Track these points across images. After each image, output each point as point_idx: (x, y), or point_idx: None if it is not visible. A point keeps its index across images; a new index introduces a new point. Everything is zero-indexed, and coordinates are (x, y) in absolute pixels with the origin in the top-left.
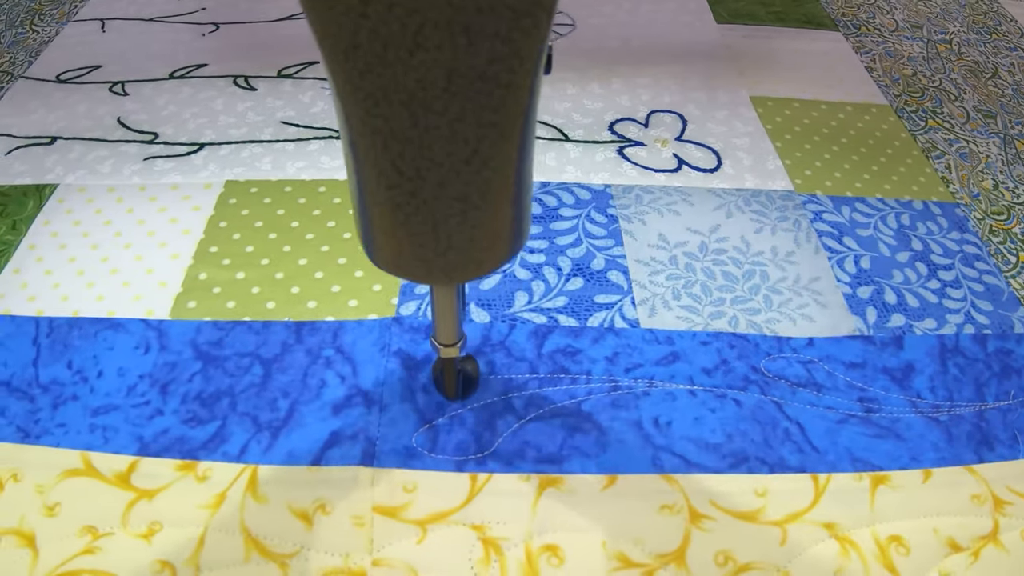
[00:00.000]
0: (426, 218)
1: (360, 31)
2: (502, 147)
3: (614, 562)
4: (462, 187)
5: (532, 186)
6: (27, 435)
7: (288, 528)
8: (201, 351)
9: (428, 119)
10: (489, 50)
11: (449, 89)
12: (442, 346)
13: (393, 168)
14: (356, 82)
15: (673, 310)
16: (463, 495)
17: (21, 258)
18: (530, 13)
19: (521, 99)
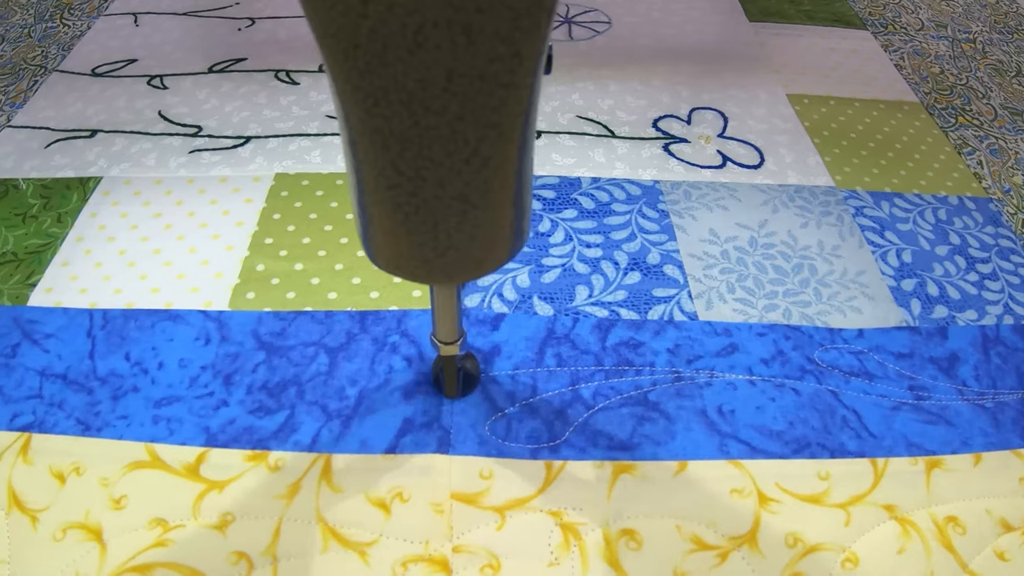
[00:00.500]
0: (426, 218)
1: (360, 31)
2: (502, 147)
3: (690, 544)
4: (462, 187)
5: (532, 186)
6: (87, 428)
7: (366, 517)
8: (264, 341)
9: (428, 119)
10: (489, 50)
11: (449, 89)
12: (442, 344)
13: (393, 168)
14: (356, 82)
15: (728, 303)
16: (539, 482)
17: (69, 251)
18: (530, 13)
19: (521, 99)
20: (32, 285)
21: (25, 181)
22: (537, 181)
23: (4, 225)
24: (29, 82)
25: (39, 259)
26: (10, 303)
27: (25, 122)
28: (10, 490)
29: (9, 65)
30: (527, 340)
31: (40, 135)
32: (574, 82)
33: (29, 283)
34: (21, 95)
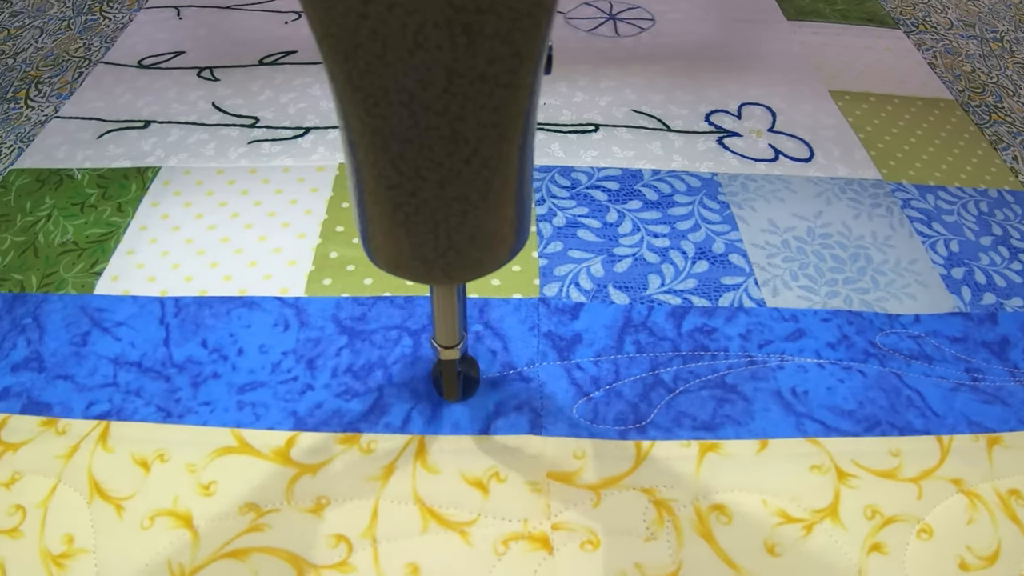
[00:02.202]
0: (426, 218)
1: (360, 31)
2: (502, 147)
3: (777, 518)
4: (462, 187)
5: (532, 186)
6: (169, 415)
7: (464, 497)
8: (345, 326)
9: (428, 119)
10: (489, 50)
11: (449, 89)
12: (442, 348)
13: (393, 168)
14: (356, 82)
15: (793, 290)
16: (630, 461)
17: (133, 240)
18: (530, 13)
19: (521, 99)
20: (97, 274)
21: (80, 171)
22: (600, 173)
23: (62, 215)
24: (74, 74)
25: (102, 248)
26: (76, 292)
27: (74, 113)
28: (91, 479)
29: (51, 57)
30: (606, 328)
31: (91, 126)
32: (625, 77)
33: (94, 272)
34: (67, 86)
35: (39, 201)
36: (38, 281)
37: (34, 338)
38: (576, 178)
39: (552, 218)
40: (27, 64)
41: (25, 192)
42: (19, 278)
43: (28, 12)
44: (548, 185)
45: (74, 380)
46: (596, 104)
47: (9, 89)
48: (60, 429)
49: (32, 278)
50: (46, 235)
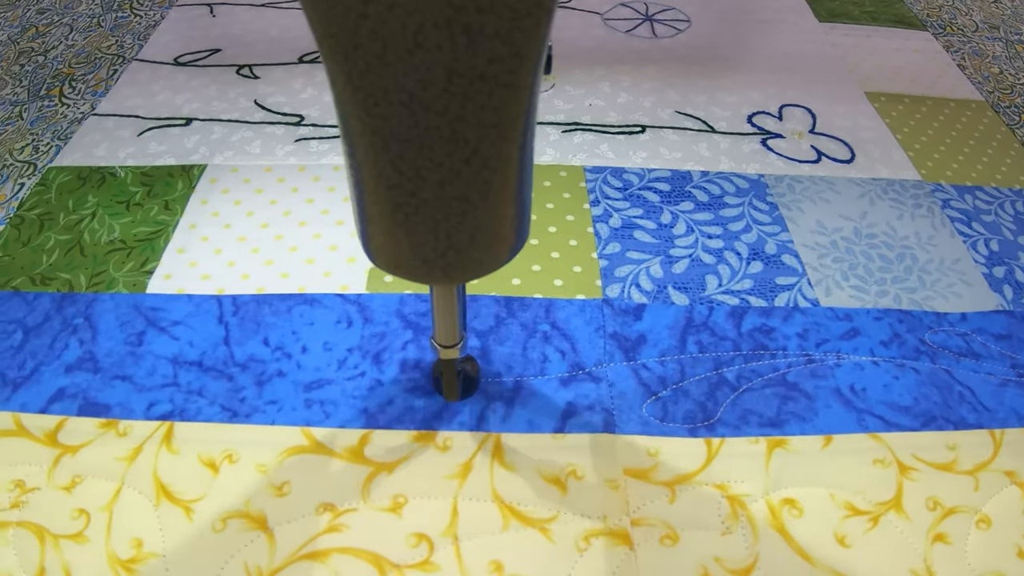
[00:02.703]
0: (426, 218)
1: (360, 31)
2: (502, 147)
3: (844, 511)
4: (462, 187)
5: (532, 186)
6: (235, 414)
7: (543, 494)
8: (410, 321)
9: (428, 119)
10: (489, 50)
11: (449, 89)
12: (442, 347)
13: (393, 168)
14: (356, 82)
15: (845, 290)
16: (702, 458)
17: (183, 238)
18: (530, 13)
19: (521, 99)
20: (149, 272)
21: (122, 169)
22: (651, 174)
23: (107, 213)
24: (108, 71)
25: (151, 246)
26: (127, 291)
27: (111, 110)
28: (157, 481)
29: (83, 54)
30: (669, 329)
31: (130, 123)
32: (666, 78)
33: (145, 270)
34: (102, 84)
35: (82, 199)
36: (87, 280)
37: (87, 338)
38: (628, 179)
39: (608, 219)
40: (59, 61)
41: (66, 190)
42: (66, 277)
43: (56, 9)
44: (601, 186)
45: (132, 380)
46: (640, 105)
47: (42, 86)
48: (121, 431)
49: (80, 277)
50: (92, 234)
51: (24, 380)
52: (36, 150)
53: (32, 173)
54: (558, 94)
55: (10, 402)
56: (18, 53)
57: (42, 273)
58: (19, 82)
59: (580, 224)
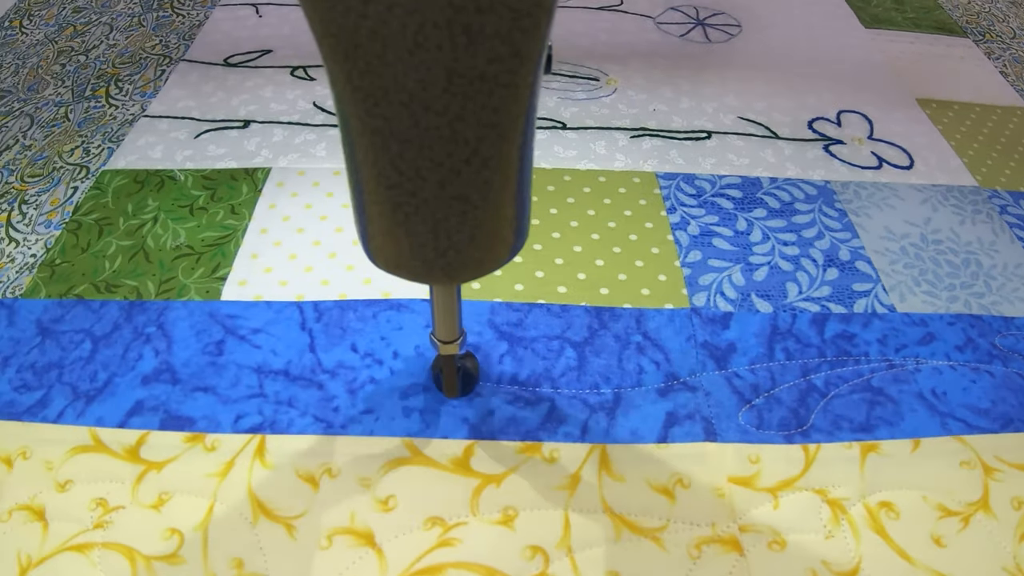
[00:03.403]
0: (426, 218)
1: (360, 31)
2: (502, 147)
3: (938, 512)
4: (462, 187)
5: (531, 186)
6: (329, 425)
7: (651, 503)
8: (503, 331)
9: (428, 119)
10: (489, 50)
11: (449, 89)
12: (442, 343)
13: (393, 168)
14: (356, 82)
15: (917, 295)
16: (800, 464)
17: (255, 243)
18: (530, 13)
19: (521, 99)
20: (221, 279)
21: (181, 172)
22: (722, 181)
23: (170, 218)
24: (155, 71)
25: (221, 251)
26: (200, 298)
27: (163, 112)
28: (253, 497)
29: (127, 54)
30: (756, 337)
31: (185, 125)
32: (725, 83)
33: (217, 276)
34: (150, 84)
35: (141, 203)
36: (155, 287)
37: (162, 348)
38: (700, 186)
39: (686, 227)
40: (101, 61)
41: (123, 193)
42: (133, 284)
43: (93, 8)
44: (675, 193)
45: (216, 392)
46: (703, 110)
47: (86, 87)
48: (209, 445)
49: (148, 284)
50: (155, 239)
51: (98, 392)
52: (87, 152)
53: (85, 176)
54: (621, 99)
55: (85, 416)
56: (57, 52)
57: (106, 280)
58: (61, 82)
59: (659, 232)
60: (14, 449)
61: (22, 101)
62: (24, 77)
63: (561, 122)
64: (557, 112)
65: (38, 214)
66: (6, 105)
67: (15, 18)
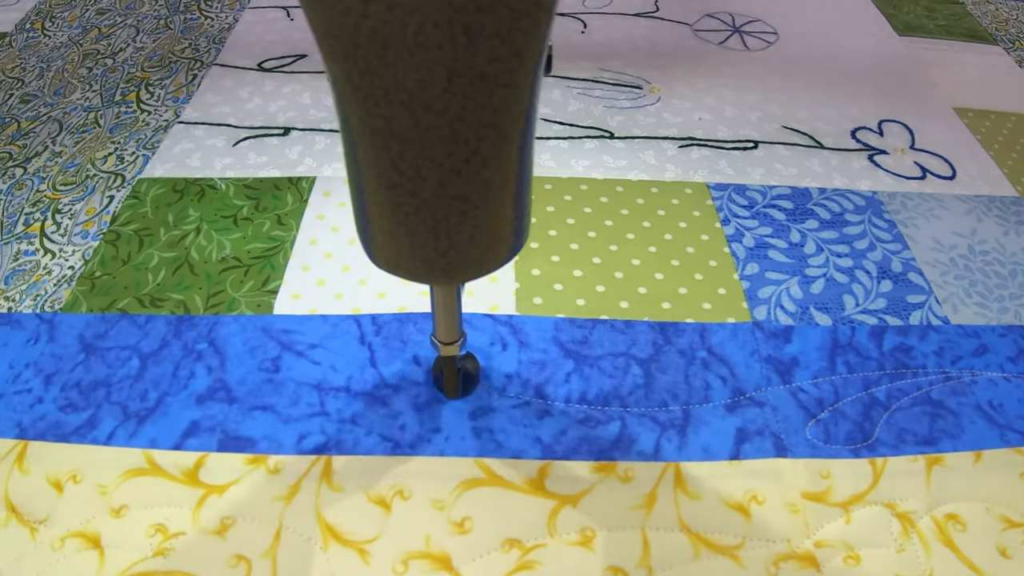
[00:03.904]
0: (426, 218)
1: (360, 31)
2: (502, 147)
3: (1001, 523)
4: (462, 187)
5: (531, 186)
6: (397, 445)
7: (727, 520)
8: (568, 349)
9: (428, 119)
10: (489, 50)
11: (449, 89)
12: (442, 344)
13: (393, 168)
14: (356, 82)
15: (969, 307)
16: (869, 478)
17: (305, 255)
18: (530, 13)
19: (521, 99)
20: (272, 292)
21: (222, 181)
22: (772, 192)
23: (213, 228)
24: (187, 76)
25: (271, 264)
26: (252, 312)
27: (198, 118)
28: (322, 522)
29: (155, 57)
30: (818, 351)
31: (222, 132)
32: (767, 92)
33: (267, 290)
34: (182, 89)
35: (182, 213)
36: (203, 301)
37: (214, 365)
38: (751, 196)
39: (741, 239)
40: (129, 64)
41: (163, 203)
42: (179, 298)
43: (117, 10)
44: (728, 204)
45: (275, 410)
46: (748, 119)
47: (116, 91)
48: (272, 467)
49: (195, 298)
50: (200, 250)
51: (149, 412)
52: (121, 160)
53: (121, 185)
54: (666, 107)
55: (137, 437)
56: (83, 55)
57: (151, 294)
58: (89, 86)
59: (715, 244)
60: (64, 472)
61: (49, 106)
62: (50, 81)
63: (609, 131)
64: (604, 120)
65: (73, 224)
66: (33, 110)
67: (36, 20)
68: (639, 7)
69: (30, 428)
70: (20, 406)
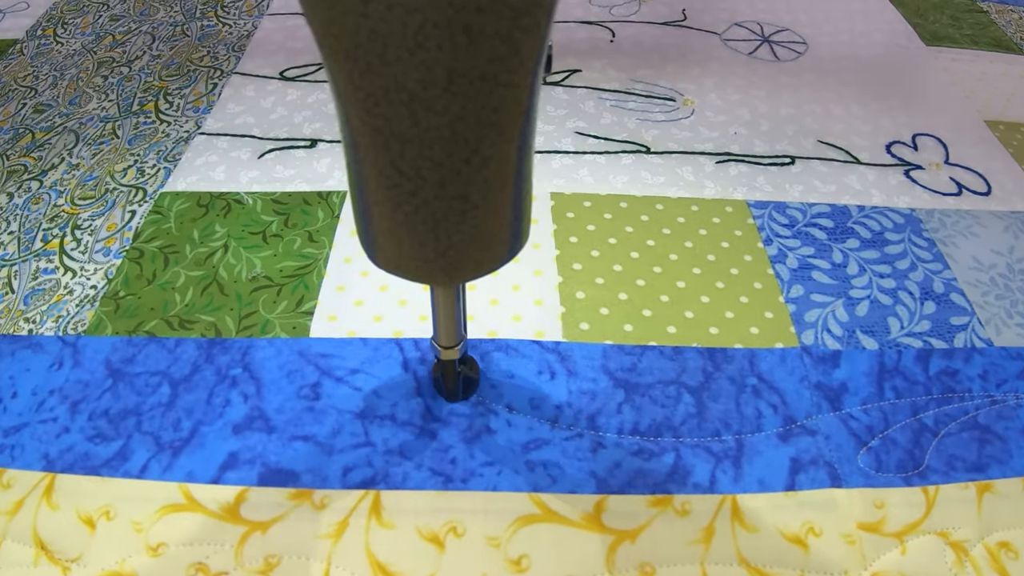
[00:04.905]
0: (426, 218)
1: (360, 31)
2: (502, 147)
3: None
4: (462, 187)
5: (532, 186)
6: (448, 479)
7: (785, 553)
8: (617, 378)
9: (428, 119)
10: (489, 50)
11: (449, 89)
12: (442, 348)
13: (393, 168)
14: (356, 82)
15: (1012, 328)
16: (922, 507)
17: (340, 273)
18: (530, 12)
19: (521, 99)
20: (308, 313)
21: (249, 195)
22: (812, 209)
23: (241, 245)
24: (207, 85)
25: (304, 283)
26: (287, 335)
27: (220, 129)
28: (373, 560)
29: (173, 65)
30: (866, 376)
31: (246, 144)
32: (800, 104)
33: (303, 311)
34: (202, 99)
35: (208, 229)
36: (235, 324)
37: (250, 392)
38: (791, 215)
39: (784, 259)
40: (146, 73)
41: (187, 218)
42: (210, 320)
43: (131, 16)
44: (769, 223)
45: (317, 441)
46: (784, 133)
47: (133, 101)
48: (318, 502)
49: (227, 320)
50: (228, 269)
51: (184, 444)
52: (141, 173)
53: (143, 199)
54: (700, 121)
55: (172, 470)
56: (97, 64)
57: (179, 315)
58: (105, 96)
59: (759, 265)
60: (95, 508)
61: (64, 116)
62: (64, 90)
63: (645, 146)
64: (639, 134)
65: (94, 240)
66: (47, 120)
67: (48, 26)
68: (667, 15)
69: (58, 460)
70: (46, 436)
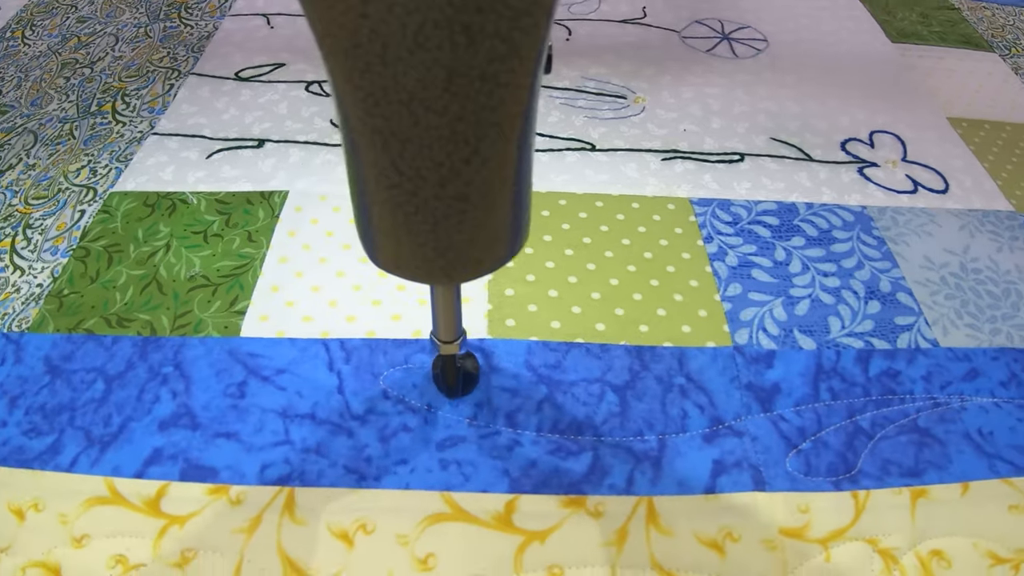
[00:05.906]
0: (426, 218)
1: (360, 31)
2: (502, 147)
3: (988, 559)
4: (462, 187)
5: (531, 186)
6: (362, 477)
7: (701, 558)
8: (541, 375)
9: (428, 119)
10: (489, 50)
11: (449, 89)
12: (442, 343)
13: (393, 168)
14: (356, 82)
15: (960, 329)
16: (851, 513)
17: (275, 273)
18: (529, 12)
19: (521, 99)
20: (240, 313)
21: (194, 195)
22: (758, 207)
23: (183, 245)
24: (164, 86)
25: (239, 283)
26: (219, 334)
27: (173, 129)
28: (283, 556)
29: (133, 67)
30: (801, 376)
31: (196, 144)
32: (755, 102)
33: (235, 311)
34: (158, 100)
35: (152, 229)
36: (170, 322)
37: (179, 389)
38: (736, 212)
39: (724, 257)
40: (107, 74)
41: (134, 218)
42: (146, 318)
43: (97, 18)
44: (711, 220)
45: (239, 438)
46: (735, 131)
47: (92, 101)
48: (234, 498)
49: (163, 318)
50: (168, 268)
51: (112, 438)
52: (94, 173)
53: (93, 199)
54: (650, 118)
55: (100, 464)
56: (61, 65)
57: (118, 313)
58: (66, 96)
59: (697, 263)
60: (26, 500)
61: (25, 117)
62: (27, 91)
63: (590, 143)
64: (585, 132)
65: (44, 239)
66: (8, 121)
67: (17, 28)
68: (626, 13)
69: None
70: None
